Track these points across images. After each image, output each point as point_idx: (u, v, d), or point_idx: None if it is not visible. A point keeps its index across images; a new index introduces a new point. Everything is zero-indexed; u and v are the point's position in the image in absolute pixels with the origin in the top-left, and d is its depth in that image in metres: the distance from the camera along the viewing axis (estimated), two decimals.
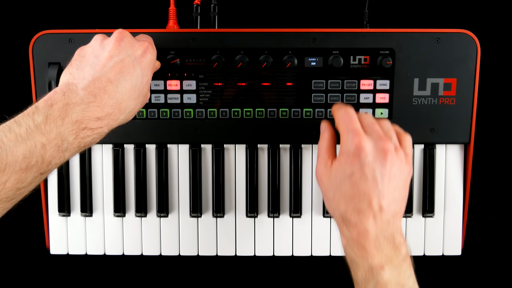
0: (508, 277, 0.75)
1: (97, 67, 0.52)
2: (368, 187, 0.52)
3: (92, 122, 0.49)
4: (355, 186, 0.52)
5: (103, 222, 0.71)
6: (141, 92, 0.56)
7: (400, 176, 0.54)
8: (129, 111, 0.54)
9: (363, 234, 0.51)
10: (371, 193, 0.52)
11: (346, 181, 0.53)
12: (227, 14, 0.74)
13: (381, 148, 0.53)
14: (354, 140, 0.54)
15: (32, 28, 0.69)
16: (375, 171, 0.52)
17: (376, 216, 0.52)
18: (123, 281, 0.75)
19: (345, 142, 0.55)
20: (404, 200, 0.55)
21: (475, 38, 0.66)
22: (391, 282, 0.49)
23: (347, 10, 0.75)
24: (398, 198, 0.54)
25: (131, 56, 0.54)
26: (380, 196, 0.52)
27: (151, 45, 0.58)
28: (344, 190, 0.53)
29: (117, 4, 0.75)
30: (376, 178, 0.52)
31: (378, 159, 0.53)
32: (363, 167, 0.52)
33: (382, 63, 0.65)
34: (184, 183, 0.71)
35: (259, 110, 0.68)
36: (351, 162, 0.53)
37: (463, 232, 0.71)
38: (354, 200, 0.52)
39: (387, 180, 0.53)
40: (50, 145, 0.46)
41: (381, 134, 0.55)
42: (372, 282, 0.50)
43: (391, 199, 0.53)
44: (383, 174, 0.52)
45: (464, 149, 0.70)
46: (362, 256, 0.51)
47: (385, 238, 0.51)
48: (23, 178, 0.44)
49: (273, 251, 0.71)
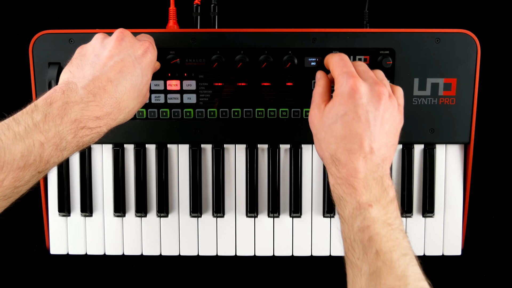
0: (508, 277, 0.75)
1: (97, 66, 0.52)
2: (360, 128, 0.52)
3: (91, 121, 0.49)
4: (347, 126, 0.53)
5: (103, 222, 0.71)
6: (141, 92, 0.56)
7: (392, 122, 0.55)
8: (129, 110, 0.54)
9: (352, 173, 0.51)
10: (363, 134, 0.52)
11: (338, 121, 0.53)
12: (227, 14, 0.74)
13: (375, 92, 0.54)
14: (349, 82, 0.54)
15: (32, 28, 0.69)
16: (368, 113, 0.53)
17: (367, 157, 0.52)
18: (123, 281, 0.75)
19: (340, 83, 0.55)
20: (394, 146, 0.56)
21: (475, 38, 0.66)
22: (378, 220, 0.49)
23: (347, 10, 0.75)
24: (388, 143, 0.54)
25: (132, 56, 0.54)
26: (371, 138, 0.52)
27: (152, 45, 0.58)
28: (336, 130, 0.53)
29: (117, 4, 0.75)
30: (369, 120, 0.52)
31: (372, 101, 0.53)
32: (357, 108, 0.52)
33: (382, 63, 0.65)
34: (184, 183, 0.71)
35: (259, 110, 0.68)
36: (345, 102, 0.53)
37: (463, 232, 0.71)
38: (345, 140, 0.53)
39: (380, 124, 0.53)
40: (49, 144, 0.46)
41: (376, 79, 0.55)
42: (359, 218, 0.50)
43: (382, 143, 0.53)
44: (376, 117, 0.53)
45: (464, 149, 0.70)
46: (351, 194, 0.51)
47: (374, 179, 0.52)
48: (21, 177, 0.44)
49: (273, 251, 0.71)
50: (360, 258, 0.48)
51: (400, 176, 0.70)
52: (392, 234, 0.49)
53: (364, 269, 0.47)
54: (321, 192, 0.70)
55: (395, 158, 0.70)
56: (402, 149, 0.70)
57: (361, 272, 0.47)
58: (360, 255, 0.48)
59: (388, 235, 0.48)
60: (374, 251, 0.47)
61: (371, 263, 0.47)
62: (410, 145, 0.69)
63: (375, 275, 0.46)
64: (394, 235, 0.49)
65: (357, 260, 0.48)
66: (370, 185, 0.51)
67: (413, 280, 0.45)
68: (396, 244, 0.48)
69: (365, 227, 0.49)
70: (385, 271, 0.46)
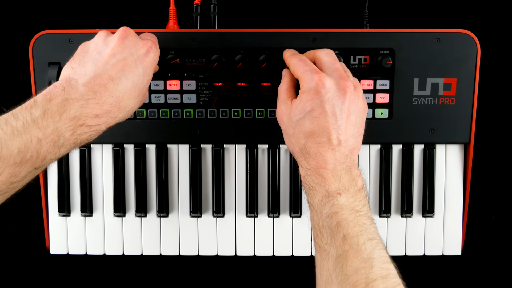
0: (508, 277, 0.75)
1: (99, 63, 0.51)
2: (328, 122, 0.54)
3: (90, 119, 0.49)
4: (315, 121, 0.54)
5: (103, 222, 0.71)
6: (141, 91, 0.56)
7: (358, 113, 0.56)
8: (128, 109, 0.54)
9: (322, 164, 0.53)
10: (330, 128, 0.54)
11: (306, 117, 0.55)
12: (227, 14, 0.74)
13: (341, 86, 0.55)
14: (314, 78, 0.55)
15: (32, 28, 0.69)
16: (335, 107, 0.54)
17: (335, 149, 0.53)
18: (123, 281, 0.75)
19: (305, 81, 0.56)
20: (360, 136, 0.57)
21: (475, 38, 0.66)
22: (346, 207, 0.51)
23: (347, 10, 0.75)
24: (355, 133, 0.56)
25: (134, 54, 0.54)
26: (339, 131, 0.54)
27: (155, 45, 0.57)
28: (305, 125, 0.55)
29: (117, 4, 0.75)
30: (336, 114, 0.54)
31: (338, 95, 0.54)
32: (323, 103, 0.54)
33: (382, 63, 0.65)
34: (184, 183, 0.71)
35: (259, 110, 0.68)
36: (312, 98, 0.54)
37: (463, 232, 0.71)
38: (314, 135, 0.54)
39: (346, 117, 0.55)
40: (46, 140, 0.45)
41: (341, 73, 0.56)
42: (328, 205, 0.51)
43: (349, 135, 0.55)
44: (342, 111, 0.54)
45: (464, 149, 0.70)
46: (320, 183, 0.53)
47: (343, 169, 0.53)
48: (17, 172, 0.44)
49: (273, 251, 0.71)
50: (328, 242, 0.50)
51: (400, 176, 0.70)
52: (360, 220, 0.50)
53: (331, 253, 0.49)
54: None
55: (395, 158, 0.70)
56: (402, 149, 0.70)
57: (329, 255, 0.49)
58: (328, 240, 0.50)
59: (355, 221, 0.50)
60: (341, 236, 0.49)
61: (338, 247, 0.48)
62: (410, 145, 0.69)
63: (341, 258, 0.47)
64: (361, 220, 0.50)
65: (325, 245, 0.50)
66: (339, 175, 0.53)
67: (378, 262, 0.46)
68: (363, 229, 0.49)
69: (334, 213, 0.50)
70: (352, 254, 0.47)
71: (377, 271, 0.46)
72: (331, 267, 0.48)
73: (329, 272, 0.48)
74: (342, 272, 0.47)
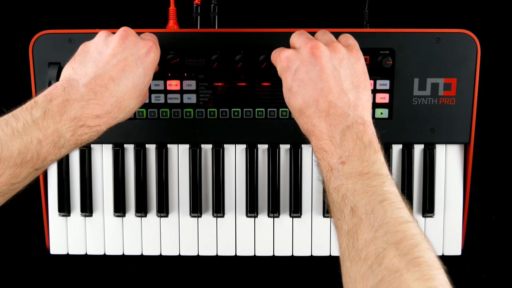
0: (508, 277, 0.75)
1: (100, 64, 0.51)
2: (308, 91, 0.51)
3: (91, 119, 0.49)
4: (297, 96, 0.52)
5: (103, 222, 0.71)
6: (142, 91, 0.56)
7: (344, 66, 0.53)
8: (129, 110, 0.54)
9: (319, 136, 0.51)
10: (314, 95, 0.51)
11: (289, 97, 0.54)
12: (227, 14, 0.74)
13: (307, 51, 0.53)
14: (281, 59, 0.54)
15: (32, 28, 0.69)
16: (309, 73, 0.52)
17: (329, 113, 0.50)
18: (123, 281, 0.75)
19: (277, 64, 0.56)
20: (359, 87, 0.53)
21: (475, 38, 0.66)
22: (351, 174, 0.47)
23: (347, 10, 0.75)
24: (349, 87, 0.52)
25: (135, 55, 0.54)
26: (324, 93, 0.51)
27: (155, 45, 0.57)
28: (292, 105, 0.54)
29: (117, 4, 0.75)
30: (312, 79, 0.52)
31: (307, 60, 0.52)
32: (295, 75, 0.52)
33: (382, 63, 0.65)
34: (184, 183, 0.71)
35: (259, 110, 0.68)
36: (285, 78, 0.54)
37: (463, 232, 0.71)
38: (302, 109, 0.52)
39: (328, 75, 0.51)
40: (47, 141, 0.45)
41: (306, 40, 0.54)
42: (332, 179, 0.48)
43: (340, 91, 0.51)
44: (322, 72, 0.51)
45: (464, 149, 0.70)
46: (324, 158, 0.50)
47: (342, 132, 0.49)
48: (18, 174, 0.44)
49: (273, 251, 0.71)
50: (340, 218, 0.46)
51: (400, 176, 0.70)
52: (369, 184, 0.45)
53: (344, 229, 0.45)
54: (321, 192, 0.70)
55: (395, 158, 0.70)
56: (402, 149, 0.70)
57: (341, 232, 0.46)
58: (339, 215, 0.46)
59: (363, 188, 0.45)
60: (349, 209, 0.45)
61: (348, 221, 0.45)
62: (410, 145, 0.69)
63: (352, 232, 0.44)
64: (371, 183, 0.45)
65: (338, 221, 0.47)
66: (339, 140, 0.49)
67: (391, 226, 0.41)
68: (372, 194, 0.45)
69: (339, 187, 0.47)
70: (361, 226, 0.43)
71: (390, 237, 0.40)
72: (344, 244, 0.44)
73: (343, 250, 0.45)
74: (354, 247, 0.42)
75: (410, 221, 0.42)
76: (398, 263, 0.39)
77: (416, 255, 0.39)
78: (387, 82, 0.67)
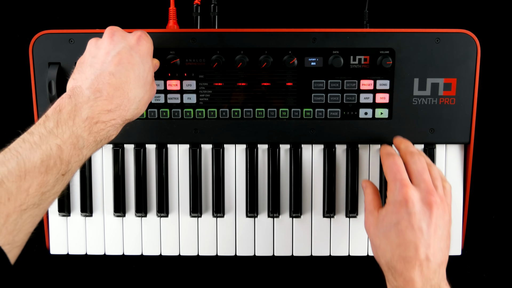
0: (508, 277, 0.75)
1: (97, 65, 0.53)
2: (414, 236, 0.53)
3: (103, 115, 0.50)
4: (401, 234, 0.54)
5: (103, 222, 0.71)
6: (146, 79, 0.56)
7: (445, 226, 0.56)
8: (139, 99, 0.55)
9: (409, 282, 0.52)
10: (417, 243, 0.53)
11: (392, 229, 0.55)
12: (227, 14, 0.74)
13: (427, 201, 0.55)
14: (402, 190, 0.55)
15: (32, 28, 0.69)
16: (421, 221, 0.54)
17: (423, 265, 0.52)
18: (123, 281, 0.75)
19: (392, 191, 0.56)
20: (448, 249, 0.56)
21: (475, 38, 0.66)
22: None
23: (347, 10, 0.75)
24: (443, 247, 0.55)
25: (126, 46, 0.55)
26: (426, 246, 0.53)
27: (144, 33, 0.58)
28: (391, 238, 0.55)
29: (117, 4, 0.75)
30: (422, 228, 0.54)
31: (424, 210, 0.54)
32: (410, 217, 0.54)
33: (382, 63, 0.65)
34: (184, 183, 0.71)
35: (259, 110, 0.68)
36: (398, 211, 0.55)
37: (463, 232, 0.71)
38: (400, 248, 0.54)
39: (433, 231, 0.54)
40: (65, 145, 0.46)
41: (428, 186, 0.56)
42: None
43: (437, 249, 0.54)
44: (429, 225, 0.54)
45: (464, 149, 0.70)
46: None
47: (431, 287, 0.52)
48: (45, 181, 0.45)
49: (273, 251, 0.71)
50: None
51: None
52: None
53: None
54: (321, 192, 0.70)
55: None
56: None
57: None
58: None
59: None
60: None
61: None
62: None
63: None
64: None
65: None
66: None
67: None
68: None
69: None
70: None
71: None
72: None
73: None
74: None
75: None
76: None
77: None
78: (387, 82, 0.67)
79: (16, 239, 0.43)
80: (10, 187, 0.42)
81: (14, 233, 0.42)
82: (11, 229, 0.42)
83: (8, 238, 0.41)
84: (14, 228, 0.42)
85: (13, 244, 0.42)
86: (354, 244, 0.71)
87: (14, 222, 0.42)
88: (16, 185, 0.42)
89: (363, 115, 0.68)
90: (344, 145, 0.70)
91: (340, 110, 0.68)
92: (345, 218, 0.71)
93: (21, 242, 0.44)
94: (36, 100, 0.67)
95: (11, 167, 0.42)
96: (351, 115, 0.68)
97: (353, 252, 0.71)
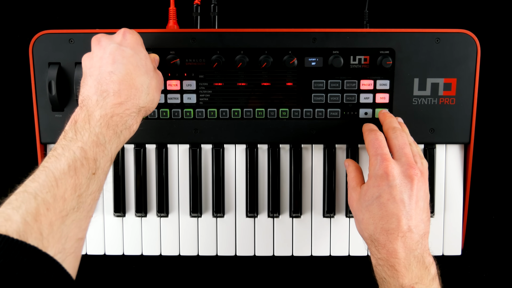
0: (508, 277, 0.75)
1: (95, 72, 0.54)
2: (396, 208, 0.54)
3: (116, 108, 0.52)
4: (383, 207, 0.55)
5: (103, 222, 0.71)
6: (146, 66, 0.57)
7: (425, 198, 0.57)
8: (147, 86, 0.56)
9: (392, 253, 0.53)
10: (399, 214, 0.54)
11: (374, 202, 0.56)
12: (227, 14, 0.74)
13: (408, 174, 0.56)
14: (382, 164, 0.56)
15: (32, 28, 0.69)
16: (402, 193, 0.55)
17: (406, 236, 0.53)
18: (123, 281, 0.75)
19: (374, 165, 0.57)
20: (428, 221, 0.57)
21: (475, 38, 0.66)
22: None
23: (347, 10, 0.75)
24: (424, 219, 0.56)
25: (115, 45, 0.56)
26: (408, 217, 0.54)
27: (127, 29, 0.59)
28: (373, 211, 0.56)
29: (117, 4, 0.75)
30: (404, 200, 0.55)
31: (405, 182, 0.55)
32: (391, 190, 0.55)
33: (382, 63, 0.65)
34: (184, 183, 0.71)
35: (259, 110, 0.68)
36: (379, 184, 0.56)
37: (463, 232, 0.71)
38: (382, 220, 0.55)
39: (415, 202, 0.55)
40: (87, 145, 0.48)
41: (409, 159, 0.57)
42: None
43: (419, 220, 0.55)
44: (411, 197, 0.55)
45: (464, 149, 0.70)
46: (393, 276, 0.53)
47: (415, 258, 0.53)
48: (78, 184, 0.46)
49: (273, 251, 0.71)
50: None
51: None
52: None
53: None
54: (321, 192, 0.70)
55: None
56: None
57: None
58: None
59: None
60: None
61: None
62: None
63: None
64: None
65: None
66: (411, 265, 0.53)
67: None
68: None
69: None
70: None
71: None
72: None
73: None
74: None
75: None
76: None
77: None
78: (387, 82, 0.67)
79: (67, 247, 0.43)
80: (46, 198, 0.43)
81: (62, 241, 0.43)
82: (58, 237, 0.43)
83: (57, 246, 0.42)
84: (61, 235, 0.43)
85: (65, 252, 0.43)
86: (354, 244, 0.71)
87: (59, 229, 0.43)
88: (51, 195, 0.43)
89: (363, 115, 0.68)
90: (344, 145, 0.70)
91: (340, 110, 0.68)
92: (345, 218, 0.71)
93: (74, 249, 0.45)
94: (36, 100, 0.67)
95: (42, 180, 0.44)
96: (351, 115, 0.68)
97: (353, 252, 0.71)
